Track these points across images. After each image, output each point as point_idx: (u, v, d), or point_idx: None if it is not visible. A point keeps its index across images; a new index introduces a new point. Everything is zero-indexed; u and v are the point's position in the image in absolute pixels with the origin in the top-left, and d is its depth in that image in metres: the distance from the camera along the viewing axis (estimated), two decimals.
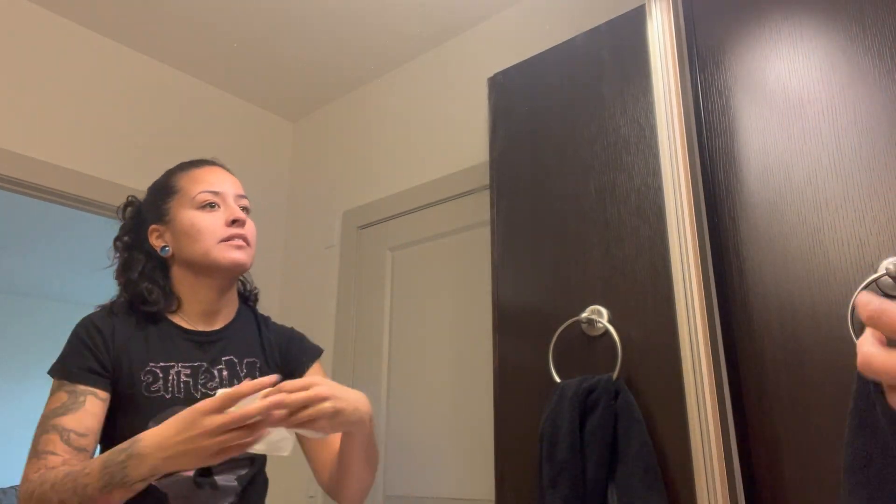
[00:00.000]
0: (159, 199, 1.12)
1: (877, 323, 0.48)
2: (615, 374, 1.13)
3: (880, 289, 0.93)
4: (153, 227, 1.11)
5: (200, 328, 1.09)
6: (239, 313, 1.15)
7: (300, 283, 2.45)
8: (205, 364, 1.04)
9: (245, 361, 1.07)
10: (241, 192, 1.14)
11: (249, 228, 1.11)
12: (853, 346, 0.93)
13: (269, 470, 1.13)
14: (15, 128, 2.01)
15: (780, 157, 1.08)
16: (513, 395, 1.30)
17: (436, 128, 2.22)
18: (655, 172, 1.20)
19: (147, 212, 1.13)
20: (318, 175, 2.67)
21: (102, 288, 6.11)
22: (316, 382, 0.87)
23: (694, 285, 1.07)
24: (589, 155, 1.30)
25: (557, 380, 1.20)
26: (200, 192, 1.09)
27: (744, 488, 0.99)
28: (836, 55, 1.05)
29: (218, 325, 1.10)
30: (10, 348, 5.69)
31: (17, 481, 5.46)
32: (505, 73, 1.54)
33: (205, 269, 1.07)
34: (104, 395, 1.00)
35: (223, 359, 1.06)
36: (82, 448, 0.95)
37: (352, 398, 0.91)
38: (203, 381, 1.03)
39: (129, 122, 2.29)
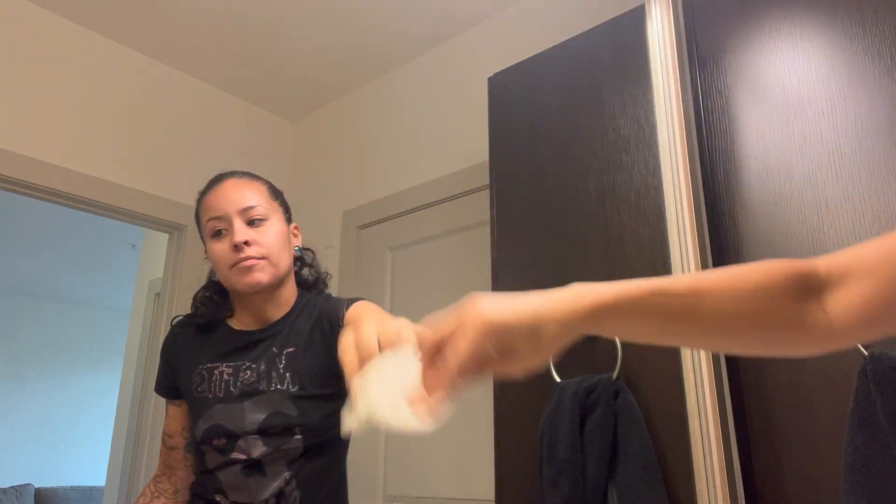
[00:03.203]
0: (199, 231, 1.18)
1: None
2: (615, 374, 1.13)
3: None
4: (205, 257, 1.19)
5: (250, 328, 1.15)
6: (295, 305, 1.16)
7: None
8: (246, 362, 1.10)
9: (285, 352, 1.10)
10: (248, 203, 1.11)
11: (263, 237, 1.10)
12: (853, 346, 0.93)
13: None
14: (16, 128, 2.01)
15: (780, 157, 1.08)
16: (513, 394, 1.30)
17: (435, 127, 2.22)
18: (655, 172, 1.20)
19: None
20: (317, 175, 2.67)
21: (102, 288, 6.07)
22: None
23: None
24: (589, 154, 1.30)
25: (557, 379, 1.20)
26: (208, 221, 1.11)
27: (744, 488, 0.99)
28: (836, 55, 1.05)
29: (269, 323, 1.15)
30: (10, 348, 5.69)
31: (17, 481, 5.45)
32: (505, 72, 1.54)
33: (233, 290, 1.15)
34: (177, 401, 1.18)
35: (265, 353, 1.10)
36: (172, 447, 1.17)
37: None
38: (243, 378, 1.08)
39: (129, 122, 2.29)
